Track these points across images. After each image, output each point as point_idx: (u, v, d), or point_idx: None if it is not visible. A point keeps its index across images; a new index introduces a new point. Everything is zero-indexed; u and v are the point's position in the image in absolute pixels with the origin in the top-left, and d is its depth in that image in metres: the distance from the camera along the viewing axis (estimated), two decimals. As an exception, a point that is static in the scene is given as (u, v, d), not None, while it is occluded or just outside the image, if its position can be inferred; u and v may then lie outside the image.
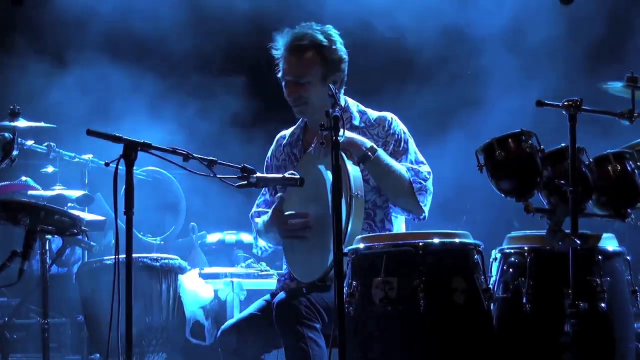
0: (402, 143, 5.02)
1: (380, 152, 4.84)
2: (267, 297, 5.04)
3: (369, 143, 4.83)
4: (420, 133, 5.28)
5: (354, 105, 5.16)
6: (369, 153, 4.79)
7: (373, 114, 5.13)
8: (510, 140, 4.14)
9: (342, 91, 5.10)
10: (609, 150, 4.30)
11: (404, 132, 5.07)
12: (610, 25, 7.34)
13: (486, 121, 7.16)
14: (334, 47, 4.99)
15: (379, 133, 5.04)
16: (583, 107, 4.09)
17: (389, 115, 5.11)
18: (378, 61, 7.85)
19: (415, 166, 4.97)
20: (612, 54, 7.23)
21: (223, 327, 5.03)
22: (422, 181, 4.91)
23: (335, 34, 5.04)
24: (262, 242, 5.24)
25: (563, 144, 4.14)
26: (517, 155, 4.12)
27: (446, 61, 7.81)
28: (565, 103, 4.08)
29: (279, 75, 5.07)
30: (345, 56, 5.03)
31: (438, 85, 7.69)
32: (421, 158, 5.04)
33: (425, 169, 4.98)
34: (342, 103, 5.08)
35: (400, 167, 4.91)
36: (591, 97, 4.22)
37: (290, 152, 5.22)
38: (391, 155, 4.94)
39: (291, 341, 4.62)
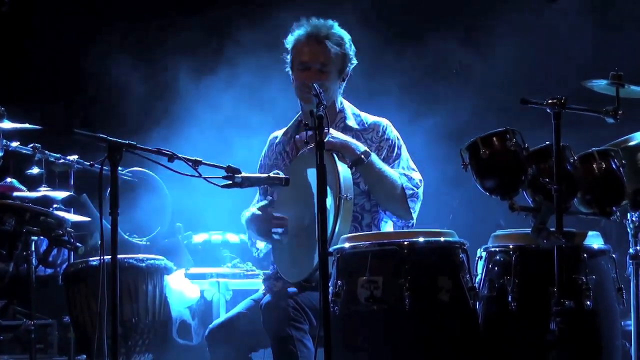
0: (396, 149, 5.05)
1: (374, 157, 4.85)
2: (255, 296, 5.04)
3: (362, 147, 4.83)
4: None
5: (349, 108, 5.18)
6: (363, 157, 4.79)
7: (368, 118, 5.15)
8: (494, 138, 4.14)
9: (342, 91, 5.13)
10: (593, 148, 4.30)
11: (398, 139, 5.09)
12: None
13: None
14: (350, 45, 5.05)
15: (372, 138, 5.06)
16: (568, 105, 4.10)
17: (384, 121, 5.13)
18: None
19: (407, 172, 4.98)
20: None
21: (211, 326, 5.05)
22: (414, 188, 4.93)
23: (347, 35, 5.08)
24: (260, 244, 5.24)
25: (547, 142, 4.14)
26: (501, 153, 4.12)
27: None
28: (550, 101, 4.08)
29: (292, 63, 5.06)
30: (354, 57, 5.07)
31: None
32: (413, 165, 5.07)
33: (416, 176, 5.00)
34: (339, 104, 5.13)
35: (393, 172, 4.91)
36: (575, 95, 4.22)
37: (282, 150, 5.23)
38: (384, 160, 4.95)
39: (279, 343, 4.61)
